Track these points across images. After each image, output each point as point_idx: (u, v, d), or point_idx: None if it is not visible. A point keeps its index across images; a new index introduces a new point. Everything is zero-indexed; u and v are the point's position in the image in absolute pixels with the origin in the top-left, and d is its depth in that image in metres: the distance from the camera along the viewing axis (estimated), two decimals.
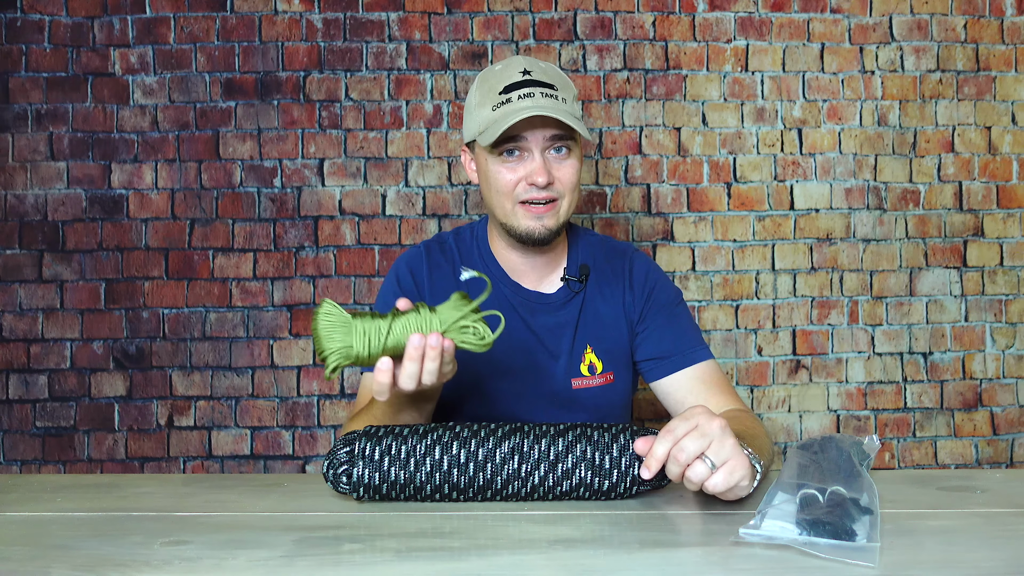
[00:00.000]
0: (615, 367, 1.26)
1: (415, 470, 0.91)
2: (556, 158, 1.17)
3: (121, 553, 0.77)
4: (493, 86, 1.17)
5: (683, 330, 1.26)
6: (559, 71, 1.22)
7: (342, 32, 1.95)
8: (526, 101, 1.13)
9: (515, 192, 1.17)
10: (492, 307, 1.25)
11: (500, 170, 1.17)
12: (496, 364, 1.22)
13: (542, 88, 1.15)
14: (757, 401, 2.00)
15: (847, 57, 1.99)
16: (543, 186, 1.15)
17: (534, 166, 1.15)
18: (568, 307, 1.26)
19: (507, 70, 1.19)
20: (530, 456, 0.91)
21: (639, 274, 1.29)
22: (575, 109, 1.18)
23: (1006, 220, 2.02)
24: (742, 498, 0.90)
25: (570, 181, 1.18)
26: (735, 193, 1.99)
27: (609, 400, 1.26)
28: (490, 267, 1.27)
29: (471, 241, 1.30)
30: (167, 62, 1.94)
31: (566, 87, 1.19)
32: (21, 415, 1.93)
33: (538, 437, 0.93)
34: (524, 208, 1.17)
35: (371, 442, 0.92)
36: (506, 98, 1.14)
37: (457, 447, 0.91)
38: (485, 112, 1.17)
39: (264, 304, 1.95)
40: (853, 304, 2.00)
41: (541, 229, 1.18)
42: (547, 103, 1.13)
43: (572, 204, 1.20)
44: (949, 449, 2.02)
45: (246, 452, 1.95)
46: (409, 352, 0.91)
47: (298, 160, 1.95)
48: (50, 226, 1.93)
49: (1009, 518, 0.86)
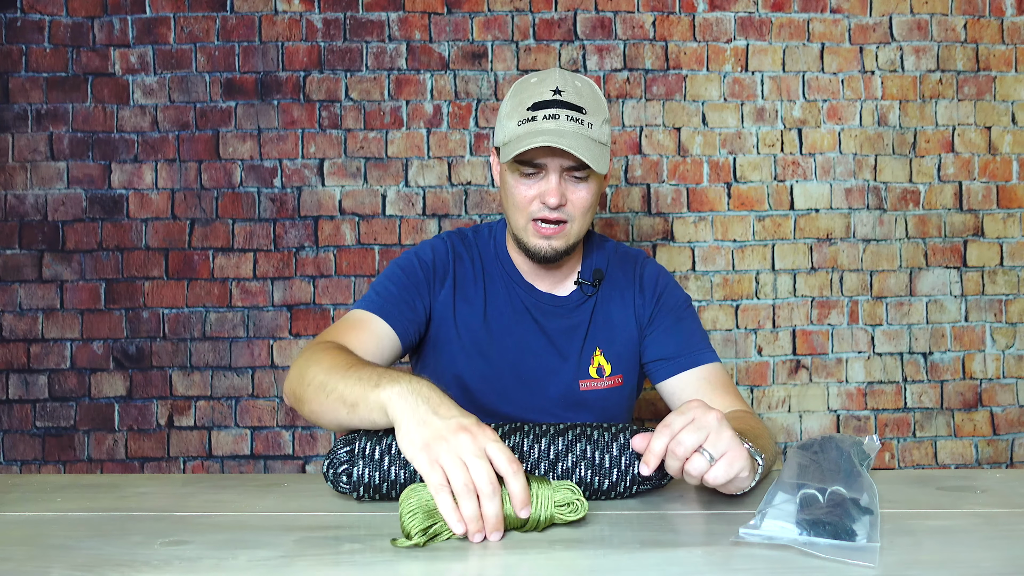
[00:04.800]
0: (623, 370, 1.27)
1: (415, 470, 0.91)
2: (573, 181, 1.17)
3: (121, 553, 0.77)
4: (524, 100, 1.17)
5: (690, 333, 1.27)
6: (595, 91, 1.20)
7: (342, 32, 1.95)
8: (549, 123, 1.12)
9: (529, 209, 1.18)
10: (505, 307, 1.26)
11: (517, 185, 1.18)
12: (507, 364, 1.24)
13: (569, 111, 1.14)
14: (757, 401, 2.00)
15: (847, 57, 1.99)
16: (554, 207, 1.15)
17: (549, 187, 1.15)
18: (580, 310, 1.27)
19: (541, 85, 1.18)
20: (530, 455, 0.92)
21: (650, 279, 1.30)
22: (601, 134, 1.17)
23: (1006, 220, 2.02)
24: (744, 491, 0.90)
25: (582, 206, 1.18)
26: (735, 193, 1.99)
27: (614, 402, 1.27)
28: (506, 267, 1.28)
29: (488, 240, 1.31)
30: (167, 62, 1.94)
31: (597, 111, 1.17)
32: (21, 415, 1.93)
33: (538, 436, 0.93)
34: (535, 226, 1.18)
35: (371, 441, 0.92)
36: (532, 115, 1.14)
37: None
38: (512, 125, 1.16)
39: (264, 304, 1.95)
40: (853, 304, 2.00)
41: (548, 249, 1.19)
42: (570, 128, 1.12)
43: (583, 227, 1.21)
44: (949, 449, 2.02)
45: (246, 452, 1.95)
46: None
47: (298, 160, 1.95)
48: (50, 226, 1.93)
49: (1009, 518, 0.86)
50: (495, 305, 1.26)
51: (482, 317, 1.25)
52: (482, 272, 1.27)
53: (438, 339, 1.25)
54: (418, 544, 0.77)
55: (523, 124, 1.14)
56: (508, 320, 1.25)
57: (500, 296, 1.26)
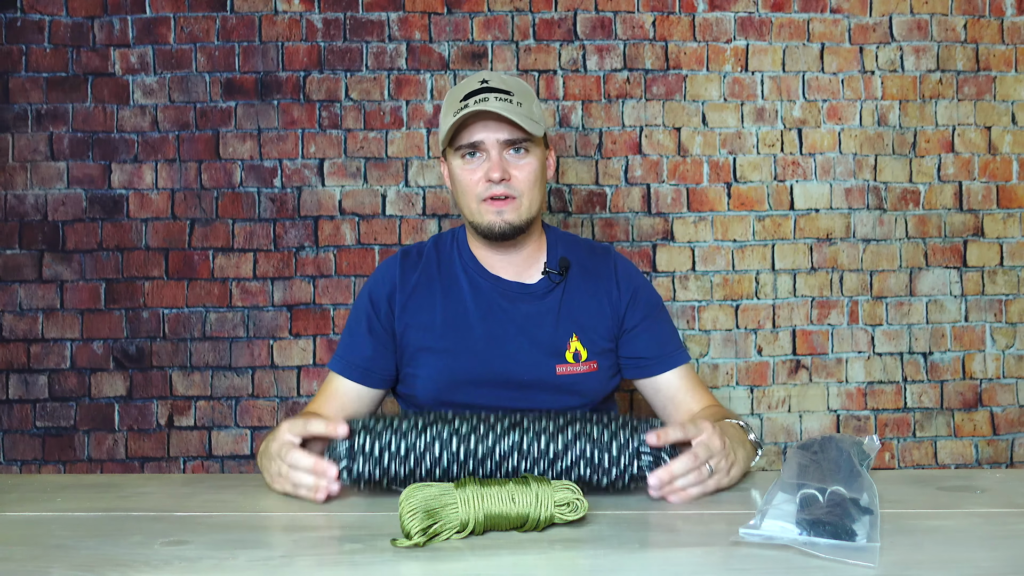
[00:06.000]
0: (599, 356, 1.30)
1: (415, 466, 0.92)
2: (514, 158, 1.24)
3: (121, 553, 0.77)
4: (455, 95, 1.25)
5: (666, 334, 1.34)
6: (521, 82, 1.28)
7: (342, 32, 1.95)
8: (479, 105, 1.20)
9: (477, 191, 1.24)
10: (471, 302, 1.27)
11: (463, 171, 1.25)
12: (479, 356, 1.26)
13: (497, 93, 1.22)
14: (757, 401, 2.00)
15: (847, 57, 1.99)
16: (498, 181, 1.22)
17: (491, 163, 1.22)
18: (549, 297, 1.30)
19: (469, 82, 1.27)
20: (529, 454, 0.92)
21: (623, 273, 1.35)
22: (531, 112, 1.24)
23: (1006, 220, 2.02)
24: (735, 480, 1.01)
25: (527, 180, 1.24)
26: (735, 193, 1.99)
27: (592, 387, 1.30)
28: (469, 264, 1.31)
29: (451, 244, 1.36)
30: (167, 62, 1.94)
31: (524, 93, 1.25)
32: (21, 415, 1.93)
33: (537, 434, 0.93)
34: (486, 204, 1.24)
35: (370, 437, 0.93)
36: (464, 104, 1.22)
37: (456, 444, 0.92)
38: (448, 120, 1.24)
39: (264, 304, 1.95)
40: (853, 304, 2.00)
41: (501, 223, 1.24)
42: (499, 105, 1.20)
43: (534, 202, 1.26)
44: (949, 449, 2.02)
45: (246, 452, 1.95)
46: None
47: (298, 160, 1.95)
48: (50, 226, 1.93)
49: (1009, 518, 0.86)
50: (459, 301, 1.29)
51: (444, 316, 1.28)
52: (437, 275, 1.31)
53: (406, 351, 1.28)
54: (418, 544, 0.77)
55: (457, 113, 1.22)
56: (475, 313, 1.28)
57: (464, 292, 1.30)
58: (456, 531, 0.79)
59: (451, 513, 0.79)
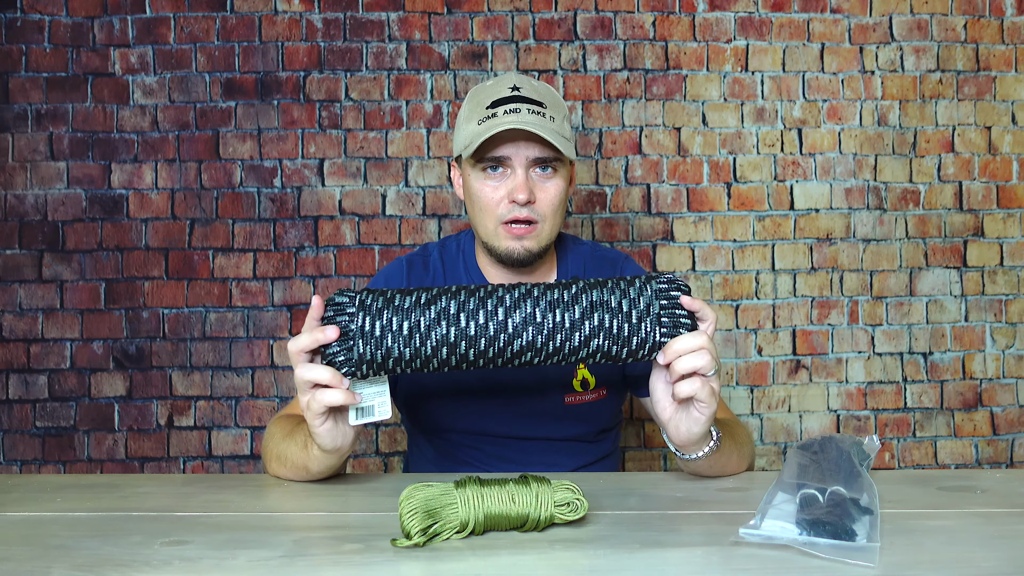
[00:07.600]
0: (608, 383, 1.24)
1: (420, 344, 0.87)
2: (540, 177, 1.15)
3: (121, 553, 0.77)
4: (481, 100, 1.16)
5: None
6: (551, 90, 1.20)
7: (342, 32, 1.95)
8: (511, 116, 1.11)
9: (498, 212, 1.15)
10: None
11: (483, 187, 1.15)
12: (486, 380, 1.19)
13: (529, 104, 1.13)
14: (757, 401, 2.00)
15: (847, 57, 1.99)
16: (523, 203, 1.13)
17: (516, 183, 1.13)
18: None
19: (497, 85, 1.17)
20: (544, 326, 0.87)
21: None
22: (563, 129, 1.16)
23: (1006, 220, 2.02)
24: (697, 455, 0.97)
25: (552, 203, 1.15)
26: (735, 193, 1.99)
27: (601, 414, 1.25)
28: (475, 280, 1.24)
29: (456, 253, 1.28)
30: (167, 62, 1.94)
31: (556, 106, 1.17)
32: (21, 415, 1.93)
33: (551, 304, 0.88)
34: (506, 228, 1.15)
35: (369, 317, 0.88)
36: (492, 112, 1.13)
37: (465, 319, 0.87)
38: (471, 126, 1.15)
39: (264, 304, 1.95)
40: (853, 304, 2.00)
41: (520, 250, 1.16)
42: (532, 119, 1.11)
43: (555, 227, 1.18)
44: (949, 449, 2.02)
45: (246, 452, 1.95)
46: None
47: (298, 160, 1.95)
48: (50, 226, 1.93)
49: (1009, 518, 0.86)
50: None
51: None
52: None
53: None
54: (418, 544, 0.77)
55: (484, 122, 1.12)
56: None
57: None
58: (456, 531, 0.79)
59: (451, 513, 0.79)
